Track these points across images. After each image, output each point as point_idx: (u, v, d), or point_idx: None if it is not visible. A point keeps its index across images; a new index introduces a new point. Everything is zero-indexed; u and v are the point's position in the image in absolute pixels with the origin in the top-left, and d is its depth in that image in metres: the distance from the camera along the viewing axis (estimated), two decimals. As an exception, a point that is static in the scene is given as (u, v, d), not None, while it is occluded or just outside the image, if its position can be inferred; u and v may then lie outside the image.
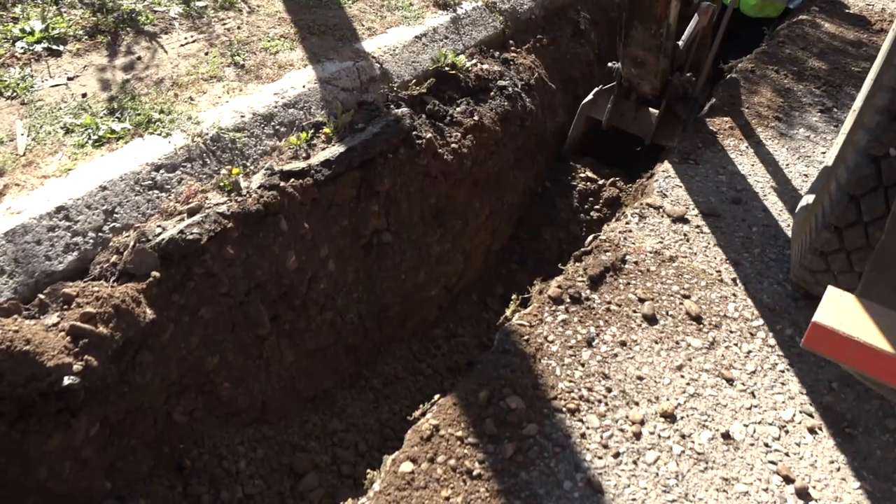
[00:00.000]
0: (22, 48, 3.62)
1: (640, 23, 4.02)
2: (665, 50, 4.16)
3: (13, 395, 2.26)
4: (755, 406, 2.93)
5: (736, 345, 3.16)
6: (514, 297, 3.79)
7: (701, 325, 3.23)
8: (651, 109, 4.81)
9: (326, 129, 3.59)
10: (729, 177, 3.95)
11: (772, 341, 3.20)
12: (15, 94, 3.34)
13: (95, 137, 3.14)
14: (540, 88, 4.90)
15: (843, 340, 1.79)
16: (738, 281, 3.45)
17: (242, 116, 3.45)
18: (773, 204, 3.91)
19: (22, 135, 3.12)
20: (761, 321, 3.28)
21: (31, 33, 3.68)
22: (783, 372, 3.08)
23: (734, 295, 3.39)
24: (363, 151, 3.49)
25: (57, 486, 2.41)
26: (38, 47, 3.64)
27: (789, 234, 3.69)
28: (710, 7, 4.61)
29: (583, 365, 3.01)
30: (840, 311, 1.84)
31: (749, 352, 3.14)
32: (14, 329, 2.30)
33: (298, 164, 3.33)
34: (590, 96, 4.95)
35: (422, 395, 3.62)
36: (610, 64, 4.79)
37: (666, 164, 3.96)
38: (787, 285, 3.46)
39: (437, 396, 3.07)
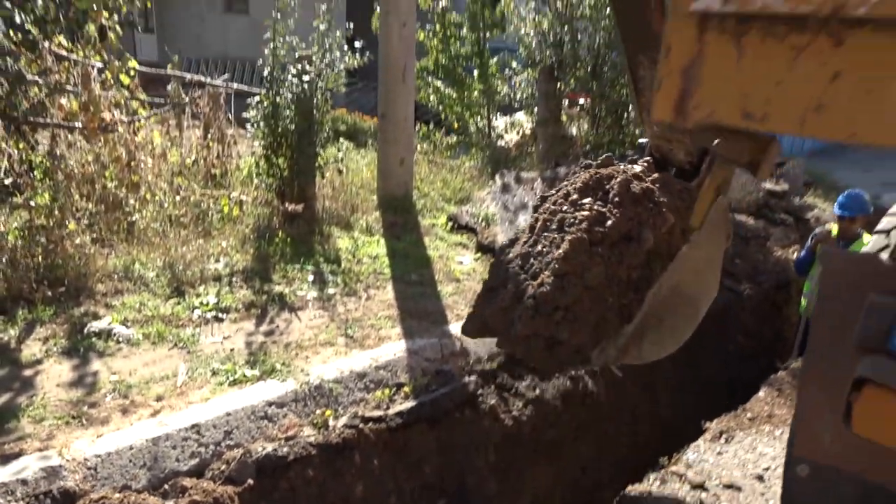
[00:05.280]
0: (197, 315, 4.94)
1: (643, 54, 2.89)
2: None
3: (129, 553, 3.02)
4: None
5: None
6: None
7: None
8: None
9: (406, 389, 4.47)
10: (757, 456, 4.31)
11: None
12: (185, 345, 4.56)
13: (232, 379, 4.21)
14: (606, 374, 5.61)
15: None
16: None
17: (342, 373, 4.43)
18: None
19: (182, 374, 4.24)
20: None
21: (207, 304, 5.03)
22: None
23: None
24: (431, 407, 4.31)
25: None
26: (209, 314, 4.95)
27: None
28: None
29: None
30: None
31: None
32: None
33: (378, 413, 4.18)
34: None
35: None
36: (641, 141, 3.53)
37: (698, 441, 4.41)
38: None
39: None
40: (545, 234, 2.75)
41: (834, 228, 6.33)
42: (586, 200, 2.69)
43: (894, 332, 1.84)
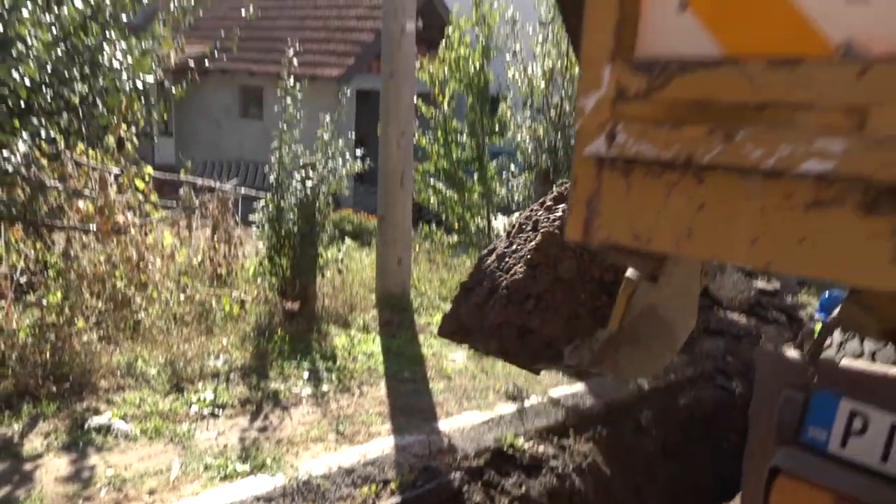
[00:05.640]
0: (194, 411, 5.11)
1: None
2: None
3: None
4: None
5: None
6: None
7: None
8: None
9: (392, 485, 4.58)
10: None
11: None
12: (181, 440, 4.71)
13: (223, 474, 4.34)
14: (594, 472, 5.67)
15: None
16: None
17: (330, 468, 4.55)
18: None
19: (176, 468, 4.39)
20: None
21: (204, 401, 5.22)
22: None
23: None
24: None
25: None
26: (205, 411, 5.13)
27: None
28: None
29: None
30: None
31: None
32: None
33: (363, 508, 4.28)
34: None
35: None
36: None
37: (679, 540, 4.46)
38: None
39: None
40: (520, 234, 2.92)
41: (818, 328, 6.52)
42: (560, 206, 2.88)
43: (805, 425, 2.03)
